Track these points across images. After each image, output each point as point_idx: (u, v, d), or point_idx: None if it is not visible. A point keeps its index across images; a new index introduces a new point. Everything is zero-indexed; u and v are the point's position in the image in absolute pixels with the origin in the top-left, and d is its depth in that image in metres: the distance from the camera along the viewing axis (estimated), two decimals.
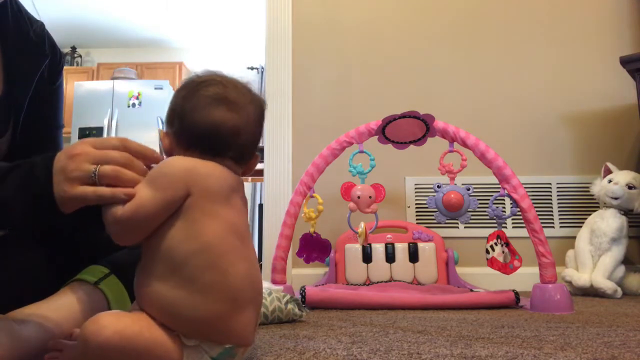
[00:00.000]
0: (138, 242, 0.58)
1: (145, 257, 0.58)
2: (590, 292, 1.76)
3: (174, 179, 0.57)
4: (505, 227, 1.98)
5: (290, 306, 1.13)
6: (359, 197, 1.46)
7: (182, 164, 0.59)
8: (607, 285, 1.70)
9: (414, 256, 1.89)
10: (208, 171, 0.59)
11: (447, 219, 1.50)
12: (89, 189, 0.57)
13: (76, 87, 4.60)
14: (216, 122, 0.60)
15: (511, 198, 1.42)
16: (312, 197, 1.52)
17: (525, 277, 1.57)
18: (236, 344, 0.56)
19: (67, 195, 0.57)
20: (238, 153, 0.63)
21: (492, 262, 1.43)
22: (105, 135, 4.48)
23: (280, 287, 1.30)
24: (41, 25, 0.87)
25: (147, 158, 0.62)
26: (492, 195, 1.49)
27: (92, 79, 5.10)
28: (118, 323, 0.51)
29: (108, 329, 0.50)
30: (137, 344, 0.51)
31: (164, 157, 0.64)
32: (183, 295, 0.53)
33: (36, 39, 0.84)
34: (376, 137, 1.54)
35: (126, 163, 0.59)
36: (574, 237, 1.93)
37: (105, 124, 4.52)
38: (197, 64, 5.46)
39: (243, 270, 0.57)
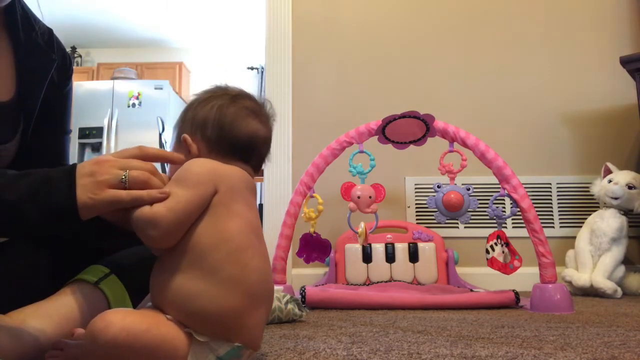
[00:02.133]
0: (173, 244, 0.57)
1: (166, 251, 0.58)
2: (590, 292, 1.76)
3: (203, 178, 0.59)
4: (505, 227, 1.99)
5: (290, 306, 1.13)
6: (359, 197, 1.46)
7: (207, 164, 0.62)
8: (607, 285, 1.70)
9: (414, 256, 1.89)
10: (230, 172, 0.62)
11: (447, 219, 1.50)
12: (122, 192, 0.56)
13: (76, 87, 4.60)
14: (254, 132, 0.67)
15: (511, 198, 1.42)
16: (312, 197, 1.52)
17: (525, 277, 1.57)
18: (246, 343, 0.56)
19: (98, 198, 0.55)
20: (259, 162, 0.70)
21: (492, 262, 1.43)
22: (105, 135, 4.49)
23: (280, 287, 1.30)
24: (49, 30, 0.87)
25: (167, 160, 0.63)
26: (492, 195, 1.49)
27: (92, 79, 5.10)
28: (125, 320, 0.51)
29: (116, 325, 0.50)
30: (145, 340, 0.51)
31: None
32: (202, 287, 0.54)
33: (45, 44, 0.84)
34: (376, 137, 1.54)
35: (152, 171, 0.59)
36: (574, 237, 1.93)
37: (105, 124, 4.53)
38: (197, 64, 5.47)
39: (260, 267, 0.59)
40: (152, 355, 0.51)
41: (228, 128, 0.66)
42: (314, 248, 1.52)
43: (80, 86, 4.65)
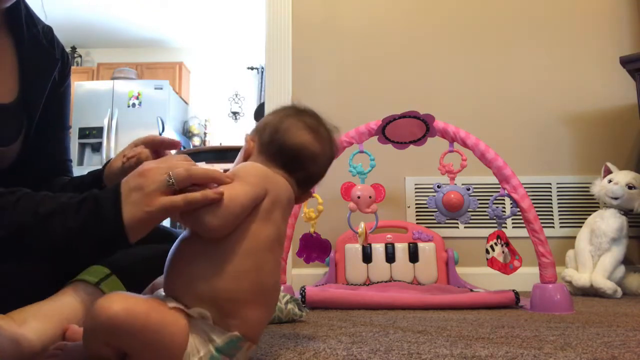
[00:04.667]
0: (224, 234, 0.58)
1: (196, 239, 0.59)
2: (590, 292, 1.76)
3: (260, 179, 0.63)
4: (505, 227, 1.99)
5: (290, 306, 1.13)
6: (359, 197, 1.46)
7: (262, 168, 0.66)
8: (607, 285, 1.70)
9: (414, 256, 1.89)
10: (278, 181, 0.67)
11: (447, 219, 1.50)
12: (177, 197, 0.55)
13: (76, 87, 4.61)
14: (303, 143, 0.70)
15: (511, 198, 1.42)
16: (312, 197, 1.52)
17: (525, 277, 1.57)
18: (244, 334, 0.57)
19: (152, 209, 0.54)
20: (304, 178, 0.71)
21: (492, 262, 1.43)
22: (105, 135, 4.49)
23: (281, 287, 1.29)
24: (50, 29, 0.87)
25: (214, 180, 0.59)
26: (492, 195, 1.49)
27: (92, 79, 5.10)
28: (127, 301, 0.52)
29: (117, 304, 0.51)
30: (144, 323, 0.51)
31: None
32: (218, 272, 0.57)
33: (47, 44, 0.84)
34: (376, 137, 1.54)
35: (192, 164, 0.58)
36: (574, 237, 1.93)
37: (105, 124, 4.53)
38: (197, 64, 5.47)
39: (274, 272, 0.63)
40: (150, 339, 0.52)
41: (281, 133, 0.69)
42: (314, 248, 1.52)
43: (80, 86, 4.65)
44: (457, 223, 2.01)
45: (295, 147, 0.69)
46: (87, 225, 0.54)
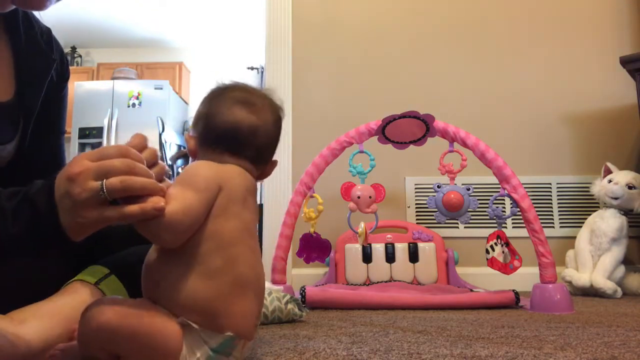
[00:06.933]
0: (182, 243, 0.56)
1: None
2: (590, 292, 1.76)
3: (209, 180, 0.59)
4: (505, 227, 1.98)
5: (290, 306, 1.13)
6: (359, 197, 1.46)
7: (212, 167, 0.62)
8: (607, 285, 1.70)
9: (414, 256, 1.89)
10: (231, 174, 0.63)
11: (447, 219, 1.50)
12: (111, 211, 0.52)
13: (76, 87, 4.60)
14: (237, 120, 0.65)
15: (511, 198, 1.42)
16: (312, 197, 1.52)
17: (525, 277, 1.57)
18: (237, 332, 0.56)
19: (84, 221, 0.52)
20: (255, 153, 0.66)
21: (492, 262, 1.43)
22: (105, 135, 4.49)
23: (280, 287, 1.30)
24: (48, 30, 0.87)
25: (153, 193, 0.55)
26: (492, 195, 1.50)
27: (92, 79, 5.10)
28: (117, 307, 0.51)
29: (109, 310, 0.50)
30: (137, 328, 0.51)
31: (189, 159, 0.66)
32: (190, 276, 0.55)
33: (45, 44, 0.84)
34: (376, 137, 1.54)
35: (130, 170, 0.53)
36: (574, 237, 1.93)
37: (105, 124, 4.52)
38: (197, 64, 5.47)
39: (250, 262, 0.60)
40: (143, 343, 0.51)
41: (212, 119, 0.65)
42: (314, 248, 1.52)
43: (80, 86, 4.65)
44: (457, 223, 2.01)
45: (231, 127, 0.64)
46: (28, 231, 0.53)
